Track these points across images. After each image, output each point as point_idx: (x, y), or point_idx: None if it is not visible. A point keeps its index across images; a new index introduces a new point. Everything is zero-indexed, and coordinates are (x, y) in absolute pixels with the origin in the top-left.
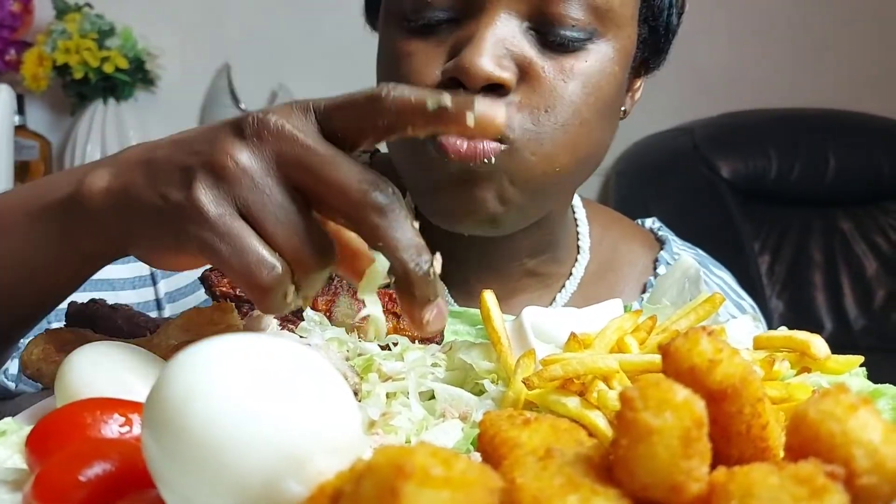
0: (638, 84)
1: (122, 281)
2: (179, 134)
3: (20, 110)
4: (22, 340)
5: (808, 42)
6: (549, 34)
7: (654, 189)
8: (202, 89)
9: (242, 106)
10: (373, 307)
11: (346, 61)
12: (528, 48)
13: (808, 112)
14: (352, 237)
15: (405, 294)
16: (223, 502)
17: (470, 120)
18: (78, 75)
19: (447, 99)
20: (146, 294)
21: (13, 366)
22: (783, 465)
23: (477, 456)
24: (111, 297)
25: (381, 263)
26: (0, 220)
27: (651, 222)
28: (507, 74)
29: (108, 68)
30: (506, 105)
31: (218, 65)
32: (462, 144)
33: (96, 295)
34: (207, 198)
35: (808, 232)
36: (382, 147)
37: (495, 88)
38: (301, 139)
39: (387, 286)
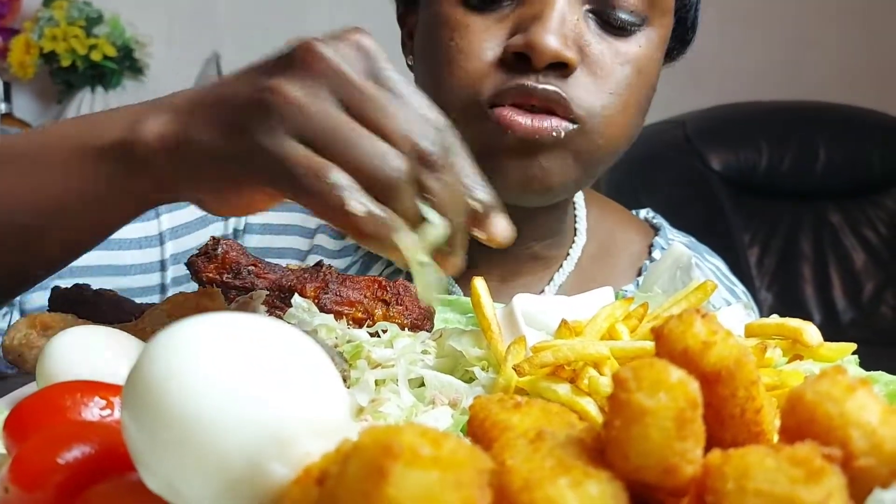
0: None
1: (128, 241)
2: (226, 77)
3: (7, 98)
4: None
5: (799, 35)
6: (607, 17)
7: (646, 181)
8: (191, 78)
9: None
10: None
11: None
12: (587, 31)
13: (798, 105)
14: None
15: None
16: (205, 485)
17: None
18: (65, 63)
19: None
20: (152, 255)
21: None
22: (779, 447)
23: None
24: (115, 258)
25: (435, 226)
26: (47, 154)
27: (645, 212)
28: (570, 54)
29: (95, 56)
30: (571, 87)
31: (207, 53)
32: (525, 121)
33: (101, 254)
34: (275, 130)
35: (798, 224)
36: None
37: (559, 67)
38: (353, 79)
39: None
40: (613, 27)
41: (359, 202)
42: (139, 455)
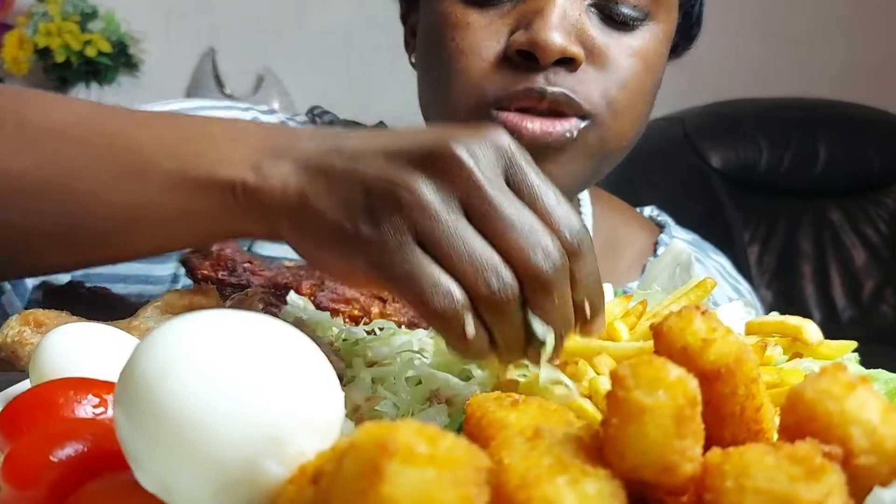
0: None
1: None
2: (355, 140)
3: None
4: None
5: (799, 32)
6: (610, 11)
7: (645, 178)
8: (186, 74)
9: (227, 91)
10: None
11: (333, 46)
12: (590, 25)
13: (798, 102)
14: None
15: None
16: (199, 483)
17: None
18: (60, 59)
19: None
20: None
21: None
22: (779, 445)
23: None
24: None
25: (549, 342)
26: (144, 165)
27: (650, 209)
28: (576, 49)
29: (90, 52)
30: (579, 83)
31: (202, 49)
32: (534, 126)
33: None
34: (400, 231)
35: (798, 222)
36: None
37: (565, 62)
38: (486, 190)
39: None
40: (616, 21)
41: (472, 327)
42: (132, 453)
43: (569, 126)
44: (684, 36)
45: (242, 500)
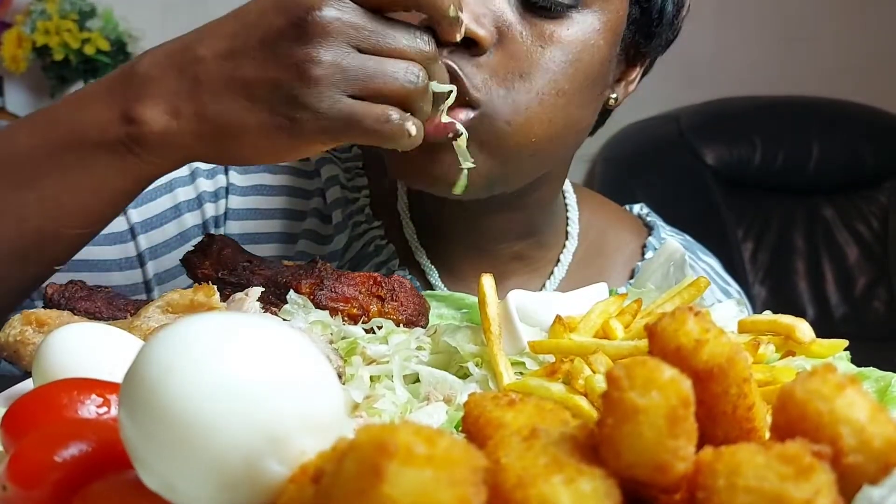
0: (633, 75)
1: (108, 262)
2: (208, 45)
3: None
4: None
5: (793, 30)
6: None
7: (640, 176)
8: None
9: None
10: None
11: None
12: (508, 10)
13: (792, 100)
14: None
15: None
16: (202, 482)
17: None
18: (58, 57)
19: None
20: (127, 250)
21: None
22: (770, 444)
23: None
24: (88, 253)
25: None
26: (41, 158)
27: (639, 208)
28: (483, 32)
29: (88, 50)
30: (477, 65)
31: None
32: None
33: (82, 276)
34: (321, 92)
35: (791, 220)
36: None
37: (468, 44)
38: (361, 24)
39: None
40: (537, 6)
41: (413, 125)
42: (136, 453)
43: (457, 120)
44: (645, 34)
45: (244, 498)
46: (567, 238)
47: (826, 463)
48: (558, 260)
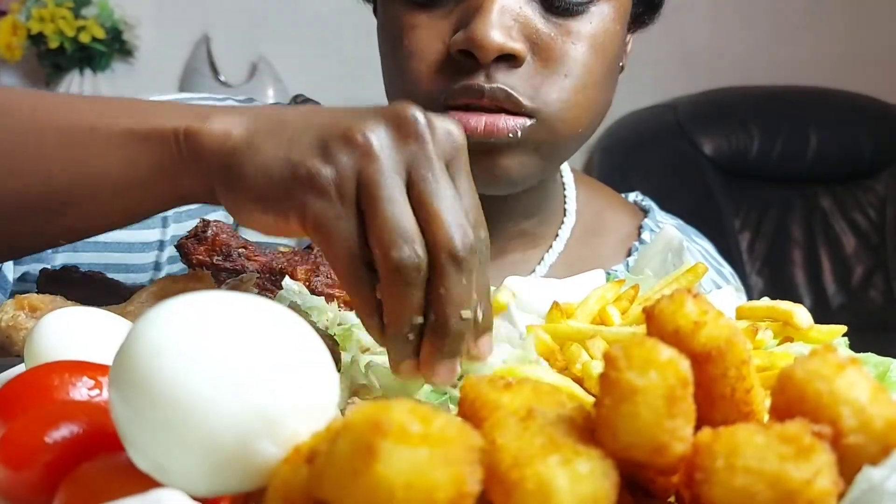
0: (629, 39)
1: (132, 244)
2: (319, 110)
3: None
4: None
5: (791, 20)
6: (551, 0)
7: (637, 165)
8: (181, 60)
9: (222, 78)
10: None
11: (327, 33)
12: (532, 16)
13: (790, 90)
14: None
15: (432, 342)
16: (194, 463)
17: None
18: (53, 45)
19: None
20: (153, 235)
21: None
22: (769, 424)
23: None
24: (113, 236)
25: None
26: (91, 130)
27: (634, 195)
28: (518, 45)
29: (84, 38)
30: (520, 79)
31: (197, 36)
32: (478, 124)
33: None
34: (345, 168)
35: (789, 209)
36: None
37: (507, 59)
38: (434, 162)
39: None
40: (560, 8)
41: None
42: (127, 434)
43: (513, 124)
44: (648, 5)
45: (237, 479)
46: (565, 215)
47: (826, 443)
48: (557, 235)
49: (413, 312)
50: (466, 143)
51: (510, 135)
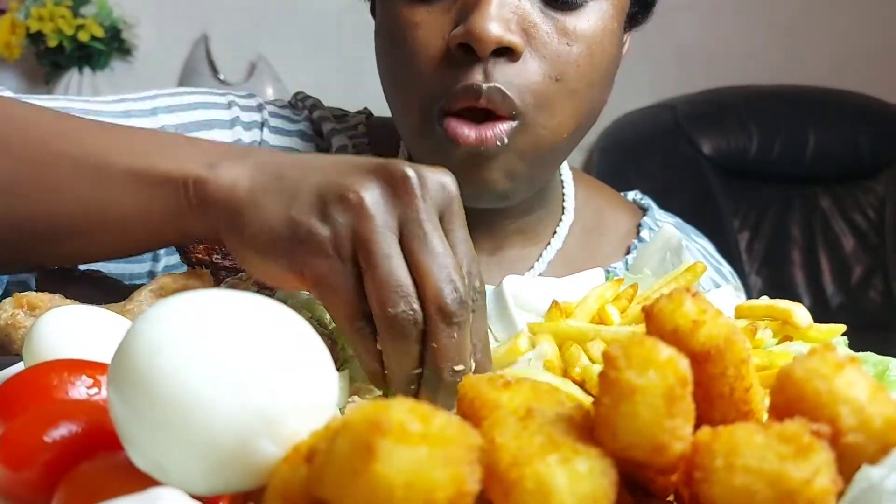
0: (626, 38)
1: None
2: (317, 160)
3: None
4: None
5: (790, 19)
6: None
7: (636, 165)
8: (180, 60)
9: (221, 77)
10: None
11: (326, 32)
12: (531, 10)
13: (789, 89)
14: None
15: (427, 394)
16: (193, 462)
17: None
18: (52, 44)
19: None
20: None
21: None
22: (769, 424)
23: None
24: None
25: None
26: (104, 163)
27: (633, 194)
28: (516, 38)
29: (83, 37)
30: (517, 75)
31: (196, 35)
32: (470, 134)
33: None
34: (341, 226)
35: (788, 209)
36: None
37: (504, 53)
38: (424, 218)
39: None
40: (558, 2)
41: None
42: (126, 432)
43: (500, 131)
44: (641, 4)
45: (236, 478)
46: (563, 212)
47: (825, 442)
48: (555, 232)
49: (411, 364)
50: (460, 195)
51: (498, 143)
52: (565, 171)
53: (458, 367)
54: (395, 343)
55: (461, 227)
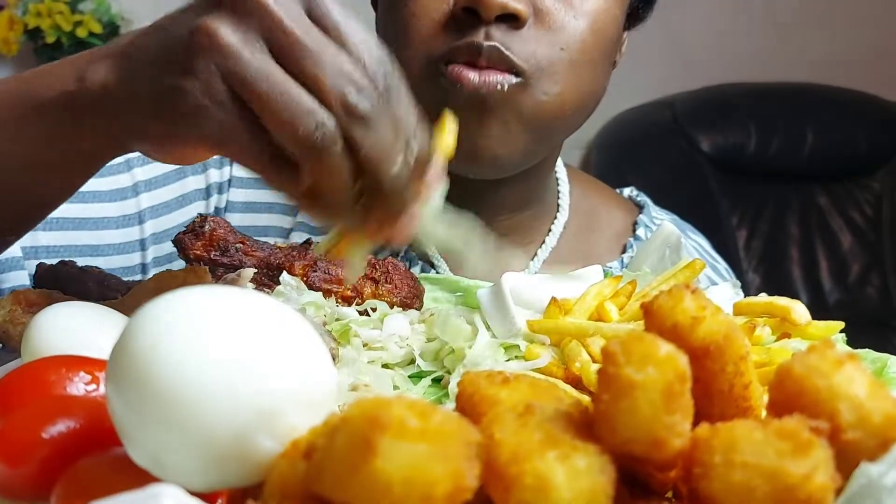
0: (624, 37)
1: (106, 220)
2: (160, 20)
3: None
4: None
5: (788, 17)
6: None
7: (634, 162)
8: None
9: None
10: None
11: None
12: None
13: (787, 87)
14: None
15: (375, 205)
16: (191, 458)
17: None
18: (50, 39)
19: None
20: (131, 234)
21: None
22: (767, 420)
23: None
24: (94, 238)
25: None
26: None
27: (629, 191)
28: (521, 6)
29: (80, 33)
30: (520, 40)
31: None
32: (474, 76)
33: (79, 234)
34: (205, 74)
35: (786, 206)
36: None
37: (509, 19)
38: (286, 24)
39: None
40: None
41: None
42: (124, 428)
43: (501, 79)
44: (645, 0)
45: (234, 474)
46: (558, 210)
47: (824, 439)
48: (550, 230)
49: (346, 181)
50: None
51: (498, 87)
52: (560, 168)
53: (395, 169)
54: (321, 164)
55: (337, 8)
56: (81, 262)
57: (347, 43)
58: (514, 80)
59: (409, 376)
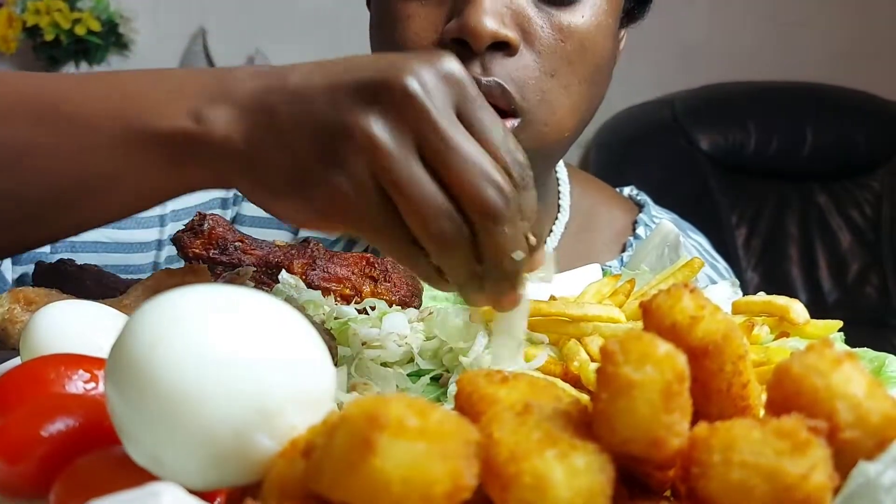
0: (622, 34)
1: (129, 220)
2: (297, 76)
3: None
4: None
5: (789, 15)
6: None
7: (634, 161)
8: (177, 54)
9: None
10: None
11: (323, 26)
12: (525, 4)
13: (787, 85)
14: None
15: (492, 284)
16: (190, 456)
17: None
18: (49, 37)
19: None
20: (151, 234)
21: None
22: (766, 419)
23: None
24: (112, 235)
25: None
26: (91, 126)
27: (629, 189)
28: (511, 32)
29: (79, 30)
30: (515, 69)
31: (193, 29)
32: None
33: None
34: (356, 169)
35: (785, 205)
36: None
37: (501, 47)
38: (439, 126)
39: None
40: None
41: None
42: (123, 426)
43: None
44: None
45: (233, 473)
46: (559, 211)
47: (822, 438)
48: (550, 231)
49: (468, 269)
50: (466, 71)
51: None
52: (561, 168)
53: (517, 256)
54: (446, 257)
55: (481, 109)
56: (99, 258)
57: (489, 142)
58: (515, 123)
59: (408, 375)
